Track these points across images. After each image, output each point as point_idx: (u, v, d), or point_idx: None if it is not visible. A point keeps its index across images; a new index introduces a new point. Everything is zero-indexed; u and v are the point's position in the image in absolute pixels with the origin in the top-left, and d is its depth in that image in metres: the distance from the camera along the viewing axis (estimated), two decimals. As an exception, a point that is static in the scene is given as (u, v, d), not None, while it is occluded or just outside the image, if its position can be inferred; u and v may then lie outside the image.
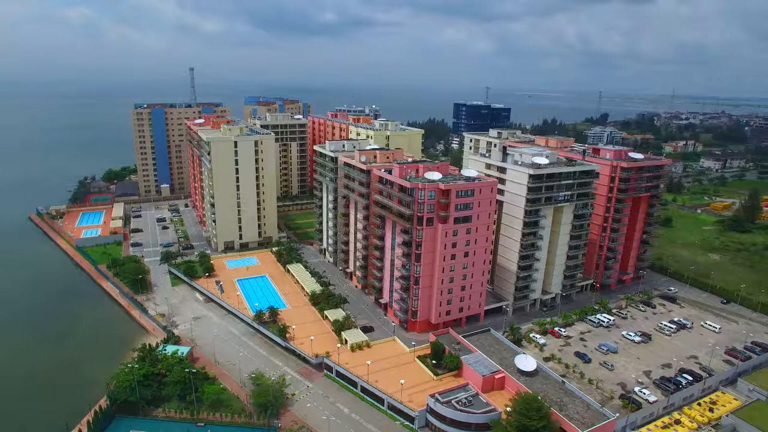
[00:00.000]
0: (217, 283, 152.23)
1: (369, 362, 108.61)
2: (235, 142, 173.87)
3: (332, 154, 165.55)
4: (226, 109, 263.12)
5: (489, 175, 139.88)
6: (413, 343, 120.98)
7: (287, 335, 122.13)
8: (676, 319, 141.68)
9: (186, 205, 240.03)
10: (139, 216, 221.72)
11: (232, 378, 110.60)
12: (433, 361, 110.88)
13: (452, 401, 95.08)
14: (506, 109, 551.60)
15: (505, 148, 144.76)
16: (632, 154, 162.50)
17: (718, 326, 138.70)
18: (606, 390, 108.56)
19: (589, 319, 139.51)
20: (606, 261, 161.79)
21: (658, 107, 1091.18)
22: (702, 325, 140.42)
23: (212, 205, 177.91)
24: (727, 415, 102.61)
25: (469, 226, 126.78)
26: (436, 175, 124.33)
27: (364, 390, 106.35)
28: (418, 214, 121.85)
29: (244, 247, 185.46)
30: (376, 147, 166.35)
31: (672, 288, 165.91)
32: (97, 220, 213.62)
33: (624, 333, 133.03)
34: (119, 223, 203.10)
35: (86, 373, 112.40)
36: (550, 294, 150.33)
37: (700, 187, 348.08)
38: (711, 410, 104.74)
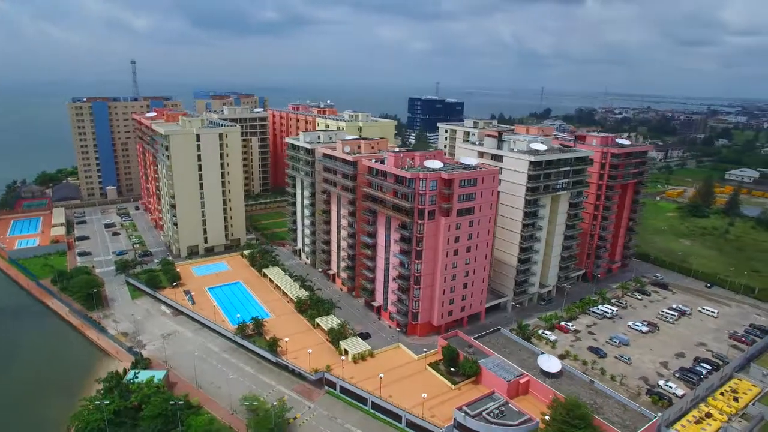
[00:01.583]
0: (187, 293, 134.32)
1: (382, 375, 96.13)
2: (198, 135, 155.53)
3: (308, 146, 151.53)
4: (178, 103, 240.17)
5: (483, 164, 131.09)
6: (425, 349, 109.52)
7: (278, 349, 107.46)
8: (674, 306, 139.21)
9: (137, 208, 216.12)
10: (84, 222, 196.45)
11: (219, 404, 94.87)
12: (452, 369, 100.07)
13: (483, 413, 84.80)
14: (460, 104, 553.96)
15: (500, 134, 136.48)
16: (619, 140, 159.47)
17: (716, 311, 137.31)
18: (632, 386, 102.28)
19: (593, 311, 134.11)
20: (597, 250, 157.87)
21: (594, 103, 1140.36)
22: (700, 311, 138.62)
23: (172, 207, 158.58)
24: (753, 404, 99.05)
25: (472, 218, 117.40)
26: (436, 164, 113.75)
27: (375, 406, 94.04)
28: (419, 206, 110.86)
29: (210, 251, 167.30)
30: (357, 137, 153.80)
31: (658, 274, 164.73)
32: (33, 228, 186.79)
33: (630, 323, 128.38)
34: (61, 230, 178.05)
35: (38, 414, 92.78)
36: (548, 287, 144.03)
37: (652, 176, 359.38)
38: (735, 399, 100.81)
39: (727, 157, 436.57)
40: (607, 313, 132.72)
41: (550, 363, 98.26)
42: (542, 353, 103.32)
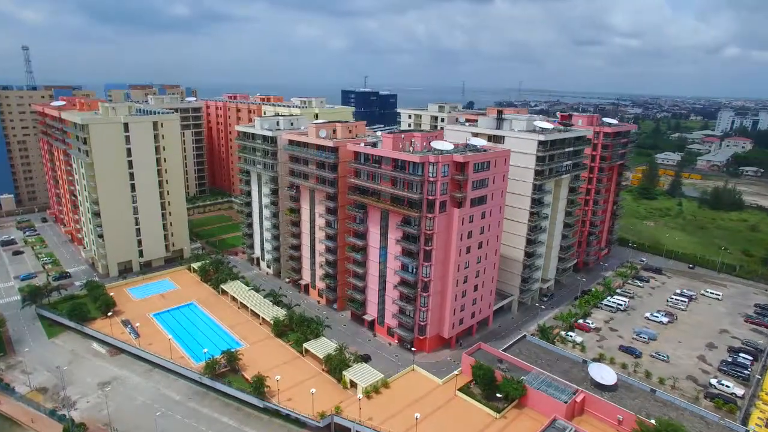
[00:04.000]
0: (126, 323, 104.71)
1: (418, 415, 75.21)
2: (126, 125, 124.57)
3: (268, 134, 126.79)
4: (91, 93, 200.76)
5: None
6: (456, 372, 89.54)
7: (266, 389, 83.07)
8: (679, 291, 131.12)
9: (44, 220, 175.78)
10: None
11: (199, 478, 69.59)
12: (497, 394, 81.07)
13: (557, 451, 67.13)
14: (393, 96, 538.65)
15: (500, 112, 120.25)
16: (605, 119, 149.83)
17: (719, 293, 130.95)
18: (686, 390, 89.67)
19: (605, 305, 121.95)
20: (588, 237, 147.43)
21: (510, 97, 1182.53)
22: (704, 294, 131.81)
23: (95, 215, 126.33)
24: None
25: (485, 209, 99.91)
26: (446, 146, 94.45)
27: (408, 454, 73.40)
28: (429, 197, 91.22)
29: (148, 267, 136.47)
30: (328, 121, 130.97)
31: (643, 259, 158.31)
32: None
33: (647, 315, 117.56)
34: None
35: None
36: (548, 281, 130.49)
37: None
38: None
39: (644, 143, 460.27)
40: (621, 305, 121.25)
41: (603, 373, 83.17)
42: (587, 361, 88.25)
